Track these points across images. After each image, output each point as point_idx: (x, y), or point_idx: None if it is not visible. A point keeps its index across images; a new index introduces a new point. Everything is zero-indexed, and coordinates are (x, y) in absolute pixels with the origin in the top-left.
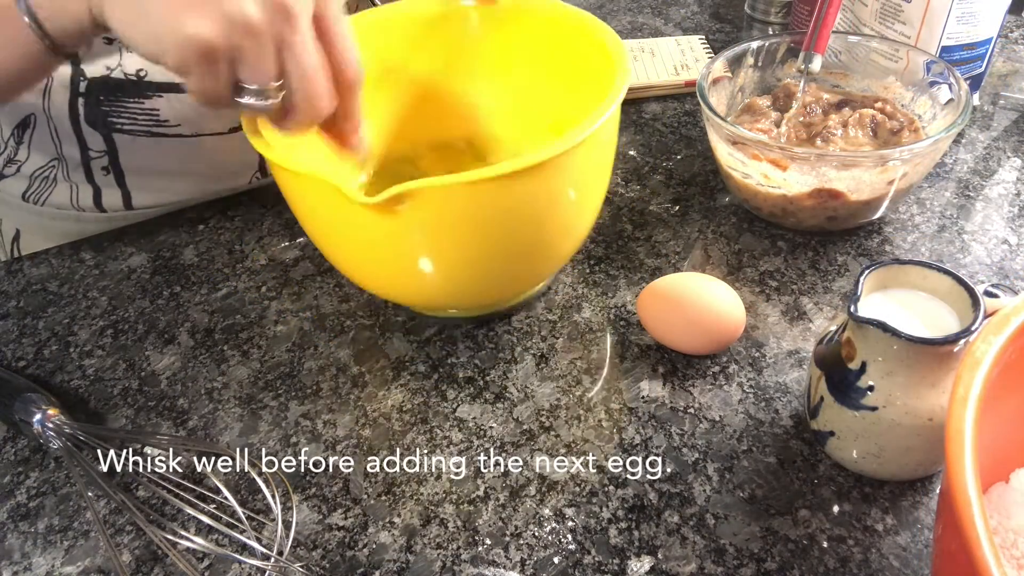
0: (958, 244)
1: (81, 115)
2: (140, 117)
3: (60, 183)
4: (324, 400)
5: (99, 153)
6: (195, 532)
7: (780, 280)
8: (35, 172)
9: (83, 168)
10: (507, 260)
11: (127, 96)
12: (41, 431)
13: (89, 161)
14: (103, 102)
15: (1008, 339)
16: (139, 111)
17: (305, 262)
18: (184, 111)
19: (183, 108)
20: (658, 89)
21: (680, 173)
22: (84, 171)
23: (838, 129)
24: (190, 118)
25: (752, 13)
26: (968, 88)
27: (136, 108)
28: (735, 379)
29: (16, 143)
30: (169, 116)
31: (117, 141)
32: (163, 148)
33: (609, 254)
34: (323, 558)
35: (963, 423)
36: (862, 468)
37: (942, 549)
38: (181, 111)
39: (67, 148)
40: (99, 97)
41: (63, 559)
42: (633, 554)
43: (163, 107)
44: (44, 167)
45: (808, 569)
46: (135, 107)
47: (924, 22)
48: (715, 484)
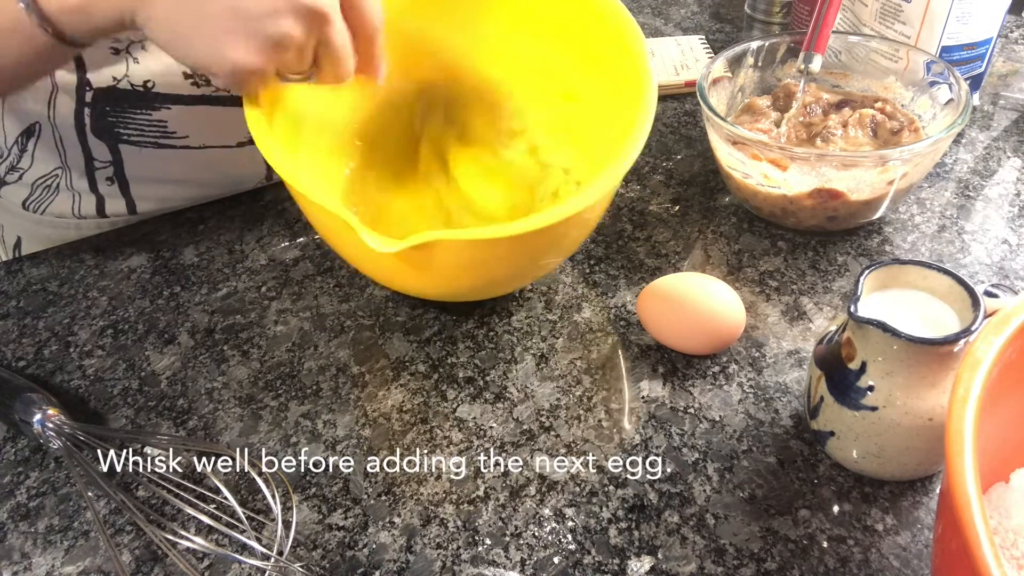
0: (958, 244)
1: (87, 125)
2: (147, 128)
3: (62, 192)
4: (324, 400)
5: (104, 163)
6: (195, 532)
7: (780, 280)
8: (37, 180)
9: (87, 178)
10: (516, 276)
11: (134, 107)
12: (41, 431)
13: (94, 171)
14: (109, 113)
15: (1008, 339)
16: (146, 122)
17: (305, 262)
18: (192, 123)
19: (191, 120)
20: (658, 89)
21: (680, 173)
22: (88, 181)
23: (838, 129)
24: (198, 130)
25: (752, 13)
26: (968, 88)
27: (143, 119)
28: (735, 379)
29: (20, 151)
30: (177, 128)
31: (123, 151)
32: (170, 159)
33: (609, 254)
34: (323, 558)
35: (963, 423)
36: (862, 468)
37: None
38: (189, 123)
39: (71, 157)
40: (105, 108)
41: (63, 559)
42: (633, 554)
43: (171, 119)
44: (47, 175)
45: (808, 569)
46: (142, 118)
47: (924, 22)
48: (715, 484)
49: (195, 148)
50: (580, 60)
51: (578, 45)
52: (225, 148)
